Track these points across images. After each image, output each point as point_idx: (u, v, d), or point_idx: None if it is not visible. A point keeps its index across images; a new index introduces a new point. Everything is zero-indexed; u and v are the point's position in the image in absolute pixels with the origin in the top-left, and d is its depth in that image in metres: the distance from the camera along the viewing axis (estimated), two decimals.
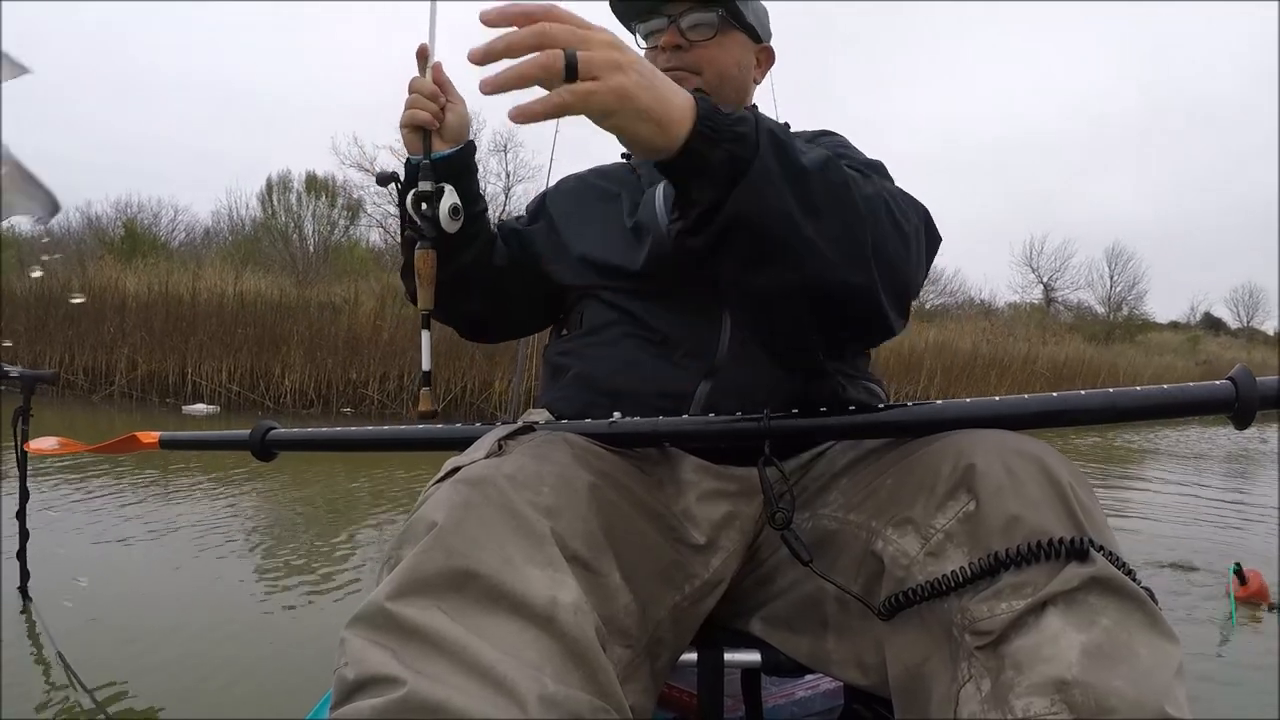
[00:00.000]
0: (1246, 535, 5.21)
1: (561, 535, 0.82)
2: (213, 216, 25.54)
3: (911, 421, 0.98)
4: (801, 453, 1.16)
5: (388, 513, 4.69)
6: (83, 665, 2.40)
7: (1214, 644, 3.14)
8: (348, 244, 22.15)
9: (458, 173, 1.22)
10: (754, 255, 0.90)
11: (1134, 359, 18.95)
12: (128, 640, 2.63)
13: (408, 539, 0.80)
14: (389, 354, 10.11)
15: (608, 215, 1.30)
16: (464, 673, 0.67)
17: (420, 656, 0.68)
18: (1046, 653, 0.71)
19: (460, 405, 10.06)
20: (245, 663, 2.53)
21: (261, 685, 2.39)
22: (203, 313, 10.06)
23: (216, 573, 3.45)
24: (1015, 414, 0.95)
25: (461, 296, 1.31)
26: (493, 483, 0.83)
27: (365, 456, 5.74)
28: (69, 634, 2.60)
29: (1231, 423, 0.95)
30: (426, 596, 0.72)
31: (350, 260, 18.93)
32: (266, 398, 9.68)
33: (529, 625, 0.72)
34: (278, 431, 1.46)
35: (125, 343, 9.66)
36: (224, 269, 12.85)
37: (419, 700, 0.65)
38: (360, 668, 0.68)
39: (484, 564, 0.74)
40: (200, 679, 2.40)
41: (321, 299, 11.30)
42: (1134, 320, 34.44)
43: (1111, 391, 0.95)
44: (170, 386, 9.61)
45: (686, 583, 1.01)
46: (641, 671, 0.90)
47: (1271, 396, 0.93)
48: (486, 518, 0.79)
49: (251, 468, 5.54)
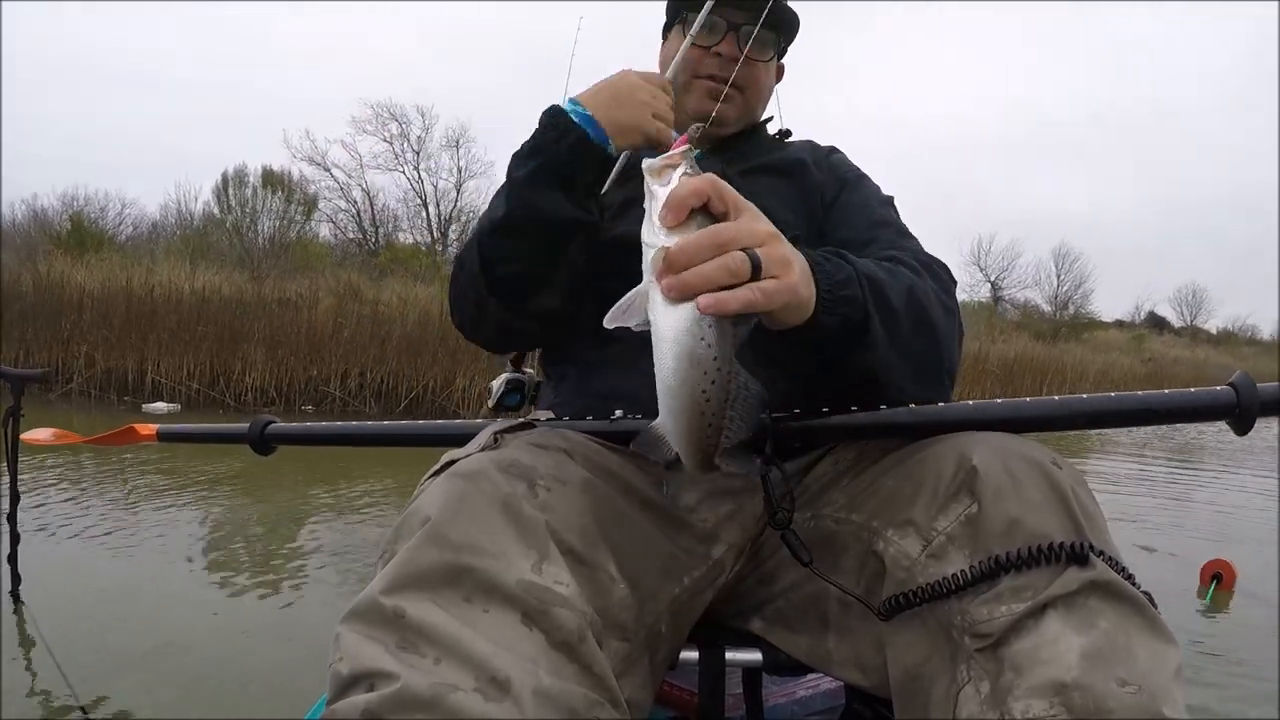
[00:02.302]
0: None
1: (556, 529, 0.83)
2: (161, 210, 25.13)
3: (913, 423, 0.99)
4: (803, 453, 1.16)
5: (387, 512, 4.68)
6: (78, 671, 2.36)
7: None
8: (303, 240, 21.93)
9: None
10: (847, 379, 1.00)
11: (1081, 357, 19.19)
12: (123, 644, 2.60)
13: (402, 533, 0.81)
14: (350, 351, 10.00)
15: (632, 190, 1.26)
16: (458, 667, 0.68)
17: (414, 651, 0.69)
18: (1046, 655, 0.72)
19: (421, 404, 10.04)
20: (244, 663, 2.53)
21: (262, 685, 2.38)
22: (161, 309, 9.87)
23: (213, 573, 3.43)
24: (1017, 417, 0.96)
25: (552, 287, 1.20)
26: (487, 476, 0.83)
27: (362, 453, 5.80)
28: (63, 640, 2.56)
29: (1232, 428, 0.95)
30: (421, 590, 0.73)
31: (305, 256, 18.76)
32: (227, 395, 9.55)
33: (524, 619, 0.73)
34: (276, 425, 1.45)
35: (83, 340, 9.45)
36: (177, 264, 12.70)
37: (413, 695, 0.65)
38: (354, 662, 0.69)
39: (478, 558, 0.75)
40: (198, 679, 2.40)
41: (279, 295, 11.22)
42: (1080, 319, 34.81)
43: (1113, 396, 0.96)
44: (129, 384, 9.42)
45: (685, 575, 1.02)
46: (639, 665, 0.90)
47: (1271, 402, 0.93)
48: (481, 511, 0.79)
49: (246, 466, 5.53)
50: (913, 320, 1.01)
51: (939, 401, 1.05)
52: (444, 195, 27.12)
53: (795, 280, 0.81)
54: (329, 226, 25.70)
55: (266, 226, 22.13)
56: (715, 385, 0.79)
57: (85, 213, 22.50)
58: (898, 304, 0.98)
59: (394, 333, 10.41)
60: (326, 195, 25.47)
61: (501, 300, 1.16)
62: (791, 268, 0.81)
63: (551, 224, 1.12)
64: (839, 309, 0.90)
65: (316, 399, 9.82)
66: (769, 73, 1.39)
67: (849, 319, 0.92)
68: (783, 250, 0.81)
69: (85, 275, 10.81)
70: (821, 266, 0.90)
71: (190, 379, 9.55)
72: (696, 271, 0.75)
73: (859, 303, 0.92)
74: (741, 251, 0.76)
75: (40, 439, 2.46)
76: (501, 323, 1.20)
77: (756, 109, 1.40)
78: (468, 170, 26.95)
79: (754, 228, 0.79)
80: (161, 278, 10.95)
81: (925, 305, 1.03)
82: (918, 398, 1.02)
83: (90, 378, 9.43)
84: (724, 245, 0.76)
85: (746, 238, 0.77)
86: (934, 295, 1.07)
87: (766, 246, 0.79)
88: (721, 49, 1.32)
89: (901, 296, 1.00)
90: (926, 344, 1.04)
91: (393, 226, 27.19)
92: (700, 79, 1.35)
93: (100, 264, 11.83)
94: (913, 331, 1.00)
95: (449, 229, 26.87)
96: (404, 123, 26.53)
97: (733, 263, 0.75)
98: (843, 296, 0.91)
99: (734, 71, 1.32)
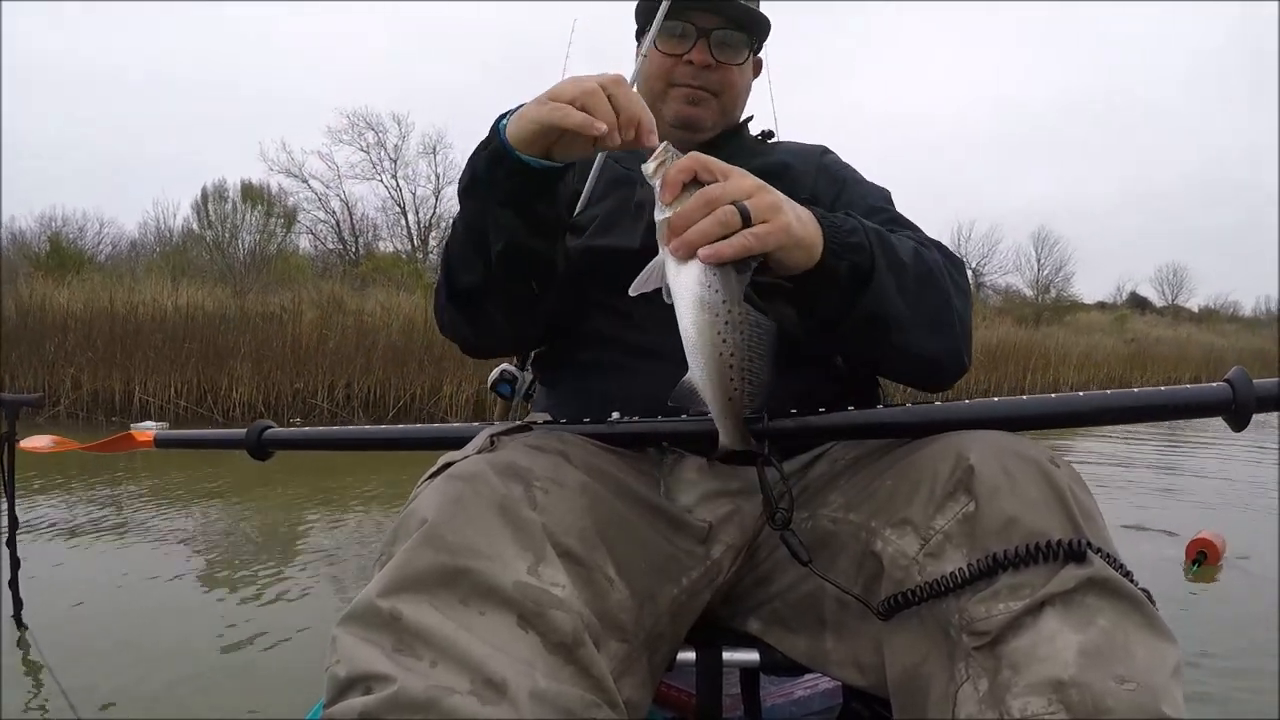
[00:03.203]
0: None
1: (553, 530, 0.83)
2: (139, 228, 25.07)
3: (910, 422, 1.00)
4: (802, 453, 1.16)
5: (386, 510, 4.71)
6: (80, 691, 2.37)
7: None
8: (283, 253, 21.88)
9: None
10: (868, 337, 1.04)
11: (1064, 340, 19.25)
12: (126, 663, 2.60)
13: (399, 535, 0.81)
14: (336, 362, 9.99)
15: (620, 201, 1.28)
16: (455, 669, 0.68)
17: (411, 653, 0.69)
18: (1043, 653, 0.72)
19: (409, 412, 10.02)
20: (246, 678, 2.54)
21: (264, 697, 2.39)
22: (145, 328, 9.82)
23: (212, 584, 3.43)
24: (1013, 415, 0.97)
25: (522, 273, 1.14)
26: (484, 478, 0.83)
27: (351, 457, 5.79)
28: (66, 661, 2.57)
29: (1228, 424, 0.96)
30: (417, 593, 0.73)
31: (287, 268, 18.70)
32: (215, 411, 9.50)
33: (520, 621, 0.73)
34: (273, 431, 1.45)
35: (68, 362, 9.38)
36: (159, 282, 12.65)
37: (409, 697, 0.66)
38: (351, 665, 0.69)
39: (475, 560, 0.75)
40: (198, 691, 2.41)
41: (262, 309, 11.19)
42: (1062, 302, 35.10)
43: (1109, 393, 0.96)
44: (116, 404, 9.37)
45: (684, 575, 1.02)
46: (638, 665, 0.90)
47: (1267, 398, 0.93)
48: (477, 513, 0.79)
49: (242, 470, 5.53)
50: (921, 276, 1.06)
51: (960, 361, 1.12)
52: (423, 202, 27.11)
53: (786, 221, 0.90)
54: (309, 238, 25.65)
55: (248, 241, 22.08)
56: (729, 326, 0.88)
57: (64, 233, 22.41)
58: (906, 259, 1.04)
59: (379, 342, 10.40)
60: (305, 207, 25.44)
61: (456, 308, 1.18)
62: (781, 212, 0.90)
63: (480, 236, 1.08)
64: (846, 255, 0.97)
65: (304, 411, 9.79)
66: (743, 74, 1.38)
67: (857, 266, 0.99)
68: (770, 198, 0.90)
69: (67, 296, 10.75)
70: (828, 217, 0.99)
71: (178, 397, 9.50)
72: (694, 229, 0.86)
73: (866, 250, 0.99)
74: (730, 205, 0.87)
75: (39, 446, 2.44)
76: (458, 327, 1.21)
77: (734, 112, 1.40)
78: (446, 176, 26.88)
79: (740, 184, 0.90)
80: (144, 296, 10.90)
81: (932, 268, 1.09)
82: (938, 353, 1.09)
83: (77, 400, 9.36)
84: (713, 202, 0.87)
85: (733, 193, 0.88)
86: (942, 265, 1.12)
87: (754, 197, 0.89)
88: (693, 57, 1.31)
89: (909, 254, 1.06)
90: (937, 299, 1.08)
91: (372, 235, 27.22)
92: (677, 87, 1.34)
93: (82, 285, 11.76)
94: (921, 284, 1.05)
95: (429, 236, 26.83)
96: (380, 131, 26.53)
97: (723, 215, 0.87)
98: (850, 244, 0.98)
99: (708, 78, 1.32)
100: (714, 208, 0.87)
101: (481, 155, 1.04)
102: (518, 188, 1.02)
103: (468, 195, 1.08)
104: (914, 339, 1.05)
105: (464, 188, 1.08)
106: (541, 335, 1.28)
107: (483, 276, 1.11)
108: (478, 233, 1.08)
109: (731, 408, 0.92)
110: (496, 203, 1.04)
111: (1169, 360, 19.70)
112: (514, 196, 1.03)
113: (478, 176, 1.05)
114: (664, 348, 1.13)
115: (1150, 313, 39.96)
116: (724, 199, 0.87)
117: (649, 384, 1.13)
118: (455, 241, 1.13)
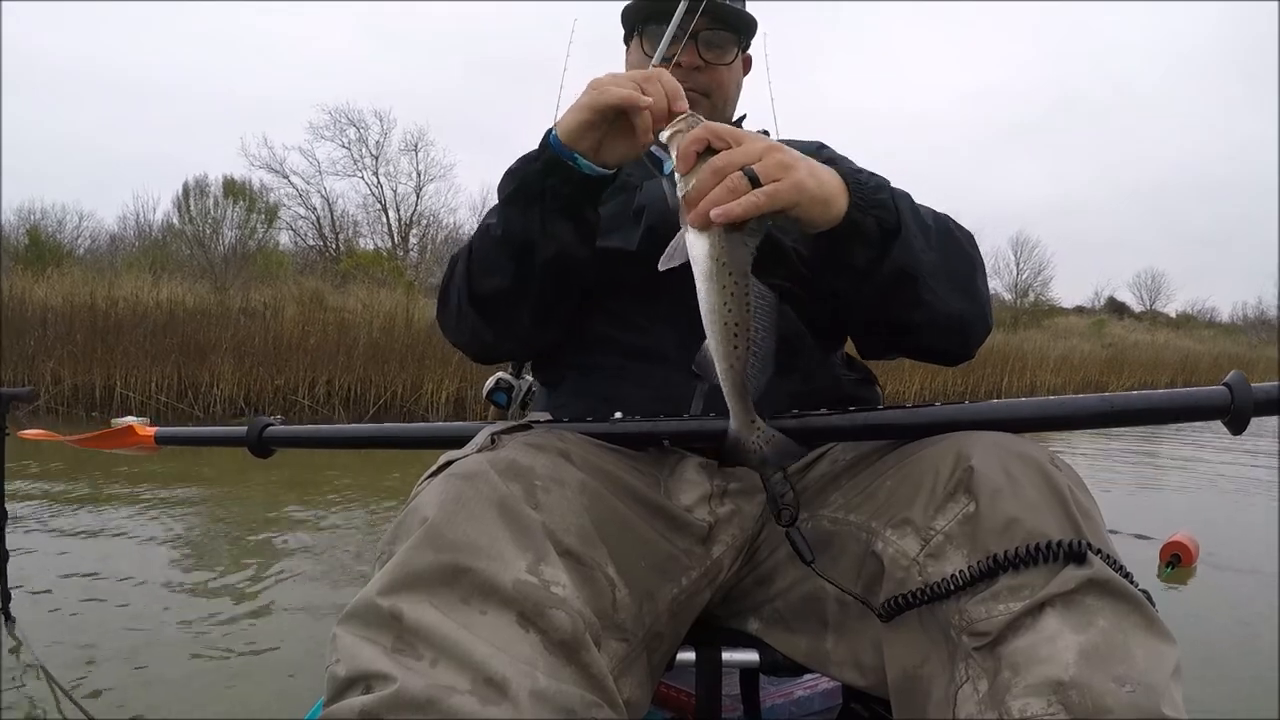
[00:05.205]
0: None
1: (554, 529, 0.83)
2: (119, 222, 24.83)
3: (911, 423, 1.00)
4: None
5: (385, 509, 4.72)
6: (72, 684, 2.37)
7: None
8: (264, 249, 21.78)
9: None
10: (897, 295, 1.07)
11: (1041, 344, 19.35)
12: (118, 655, 2.61)
13: (400, 534, 0.81)
14: (316, 359, 9.94)
15: (620, 205, 1.27)
16: (455, 668, 0.68)
17: (411, 652, 0.69)
18: (1043, 654, 0.72)
19: (390, 410, 9.99)
20: (242, 670, 2.54)
21: (259, 690, 2.40)
22: (126, 323, 9.75)
23: (207, 579, 3.43)
24: (1013, 417, 0.97)
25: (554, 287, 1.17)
26: (485, 477, 0.83)
27: (338, 454, 5.82)
28: (55, 654, 2.57)
29: (1227, 428, 0.96)
30: (418, 591, 0.73)
31: (268, 264, 18.63)
32: (196, 407, 9.46)
33: (520, 620, 0.73)
34: (274, 428, 1.44)
35: (48, 356, 9.29)
36: (140, 276, 12.58)
37: (409, 697, 0.66)
38: (351, 664, 0.69)
39: (475, 559, 0.75)
40: (192, 686, 2.41)
41: (244, 305, 11.15)
42: (1040, 306, 35.35)
43: (1108, 396, 0.97)
44: (97, 399, 9.28)
45: (684, 575, 1.02)
46: (638, 665, 0.90)
47: (1265, 401, 0.93)
48: (478, 512, 0.79)
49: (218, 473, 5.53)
50: (944, 238, 1.10)
51: (985, 322, 1.17)
52: (404, 199, 27.06)
53: (799, 178, 0.92)
54: (289, 234, 25.51)
55: (229, 237, 21.96)
56: (734, 298, 0.91)
57: (43, 226, 22.20)
58: (930, 221, 1.09)
59: (360, 339, 10.37)
60: (286, 203, 25.28)
61: (477, 312, 1.19)
62: (793, 169, 0.92)
63: (524, 245, 1.11)
64: (872, 210, 1.01)
65: (285, 408, 9.74)
66: (733, 73, 1.40)
67: (883, 221, 1.03)
68: (780, 157, 0.92)
69: (47, 290, 10.66)
70: (854, 174, 1.02)
71: (159, 392, 9.42)
72: (707, 199, 0.89)
73: (890, 208, 1.03)
74: (739, 171, 0.90)
75: (37, 434, 2.41)
76: (477, 332, 1.22)
77: (725, 111, 1.41)
78: (427, 174, 26.92)
79: (749, 148, 0.92)
80: (125, 291, 10.82)
81: (954, 231, 1.14)
82: (965, 310, 1.13)
83: (57, 395, 9.28)
84: (722, 170, 0.90)
85: (741, 158, 0.91)
86: (962, 233, 1.16)
87: (764, 160, 0.91)
88: (682, 59, 1.32)
89: (932, 216, 1.11)
90: (961, 259, 1.13)
91: (353, 232, 27.09)
92: None
93: (61, 279, 11.67)
94: (945, 244, 1.10)
95: (409, 233, 26.77)
96: (362, 127, 26.46)
97: (732, 181, 0.89)
98: (876, 200, 1.02)
99: (697, 79, 1.34)
100: (723, 176, 0.90)
101: (533, 165, 1.09)
102: (573, 195, 1.09)
103: (510, 203, 1.12)
104: (942, 296, 1.09)
105: (507, 196, 1.12)
106: (559, 338, 1.27)
107: (514, 281, 1.13)
108: (518, 239, 1.11)
109: (733, 375, 0.93)
110: (554, 212, 1.09)
111: (1145, 365, 19.87)
112: (570, 204, 1.09)
113: (527, 186, 1.09)
114: (664, 350, 1.18)
115: (1128, 317, 40.30)
116: (732, 165, 0.90)
117: (649, 386, 1.17)
118: (483, 246, 1.15)
